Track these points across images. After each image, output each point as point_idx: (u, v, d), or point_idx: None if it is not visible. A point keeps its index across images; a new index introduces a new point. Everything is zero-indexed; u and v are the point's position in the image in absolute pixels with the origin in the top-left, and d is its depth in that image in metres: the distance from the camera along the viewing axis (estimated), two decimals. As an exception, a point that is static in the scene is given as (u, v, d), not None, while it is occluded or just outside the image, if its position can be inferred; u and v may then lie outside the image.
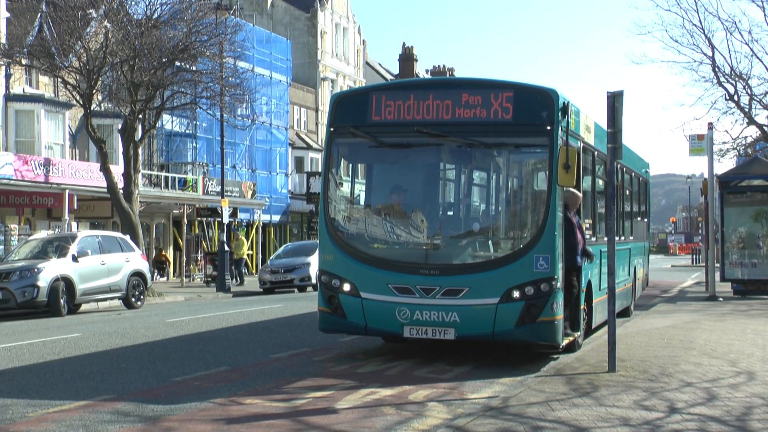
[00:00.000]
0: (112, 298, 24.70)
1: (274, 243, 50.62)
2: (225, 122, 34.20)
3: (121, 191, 29.60)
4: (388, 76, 69.65)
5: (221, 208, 34.53)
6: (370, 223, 12.71)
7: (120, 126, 32.54)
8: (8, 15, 33.80)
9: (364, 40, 67.16)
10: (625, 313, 18.31)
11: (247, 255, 47.47)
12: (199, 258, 43.61)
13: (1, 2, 33.55)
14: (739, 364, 11.62)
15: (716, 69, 33.83)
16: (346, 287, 12.00)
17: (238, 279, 36.81)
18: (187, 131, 44.09)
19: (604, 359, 11.34)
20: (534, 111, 11.70)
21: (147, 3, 30.92)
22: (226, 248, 33.42)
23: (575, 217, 12.61)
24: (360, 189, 13.23)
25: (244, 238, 38.16)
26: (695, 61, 35.36)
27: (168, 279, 38.79)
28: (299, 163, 54.33)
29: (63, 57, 30.36)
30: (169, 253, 42.63)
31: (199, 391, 10.16)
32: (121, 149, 31.94)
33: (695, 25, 33.90)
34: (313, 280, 30.53)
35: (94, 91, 30.14)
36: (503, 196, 12.80)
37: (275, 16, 58.73)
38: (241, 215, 44.37)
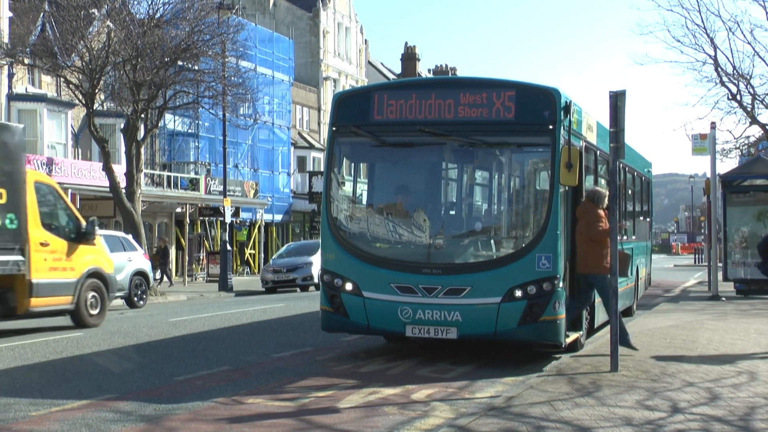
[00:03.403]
0: (114, 298, 24.71)
1: (277, 242, 50.65)
2: (227, 122, 34.25)
3: (124, 191, 29.63)
4: (391, 76, 69.64)
5: (224, 207, 34.55)
6: (372, 222, 12.71)
7: (122, 125, 32.58)
8: (11, 14, 33.84)
9: (366, 40, 67.15)
10: (627, 312, 18.29)
11: (250, 255, 47.65)
12: (201, 257, 43.65)
13: (4, 2, 33.57)
14: (742, 364, 11.61)
15: (719, 69, 33.86)
16: (349, 286, 12.00)
17: None
18: (190, 131, 44.13)
19: (606, 359, 11.34)
20: (536, 110, 11.69)
21: (149, 2, 30.98)
22: (228, 248, 33.42)
23: None
24: (362, 188, 13.23)
25: None
26: (698, 60, 35.44)
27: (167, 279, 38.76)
28: (301, 162, 54.34)
29: (65, 56, 30.38)
30: (171, 253, 42.64)
31: (202, 391, 10.16)
32: (123, 149, 31.99)
33: (697, 25, 33.98)
34: (316, 280, 30.54)
35: (97, 90, 30.17)
36: (505, 195, 12.79)
37: (277, 16, 58.74)
38: (243, 215, 44.41)
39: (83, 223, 18.42)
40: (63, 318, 18.47)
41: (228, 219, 35.09)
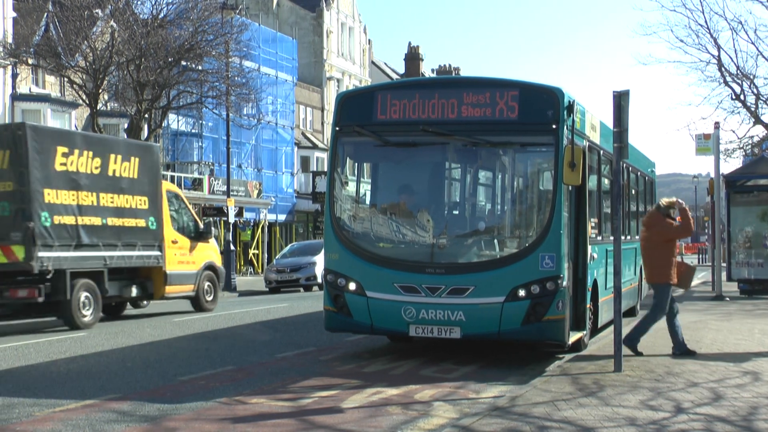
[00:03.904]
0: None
1: (280, 242, 50.67)
2: (231, 122, 34.24)
3: (127, 190, 29.62)
4: (394, 76, 69.66)
5: (227, 207, 34.58)
6: (375, 222, 12.70)
7: (126, 125, 32.63)
8: (15, 15, 33.89)
9: (369, 40, 67.19)
10: (631, 312, 18.27)
11: (253, 254, 47.67)
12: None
13: (8, 2, 33.61)
14: (746, 365, 11.58)
15: (722, 69, 33.82)
16: (352, 286, 11.99)
17: None
18: (193, 131, 44.18)
19: (610, 359, 11.32)
20: (539, 110, 11.68)
21: (153, 2, 31.04)
22: (232, 247, 33.44)
23: None
24: (365, 188, 13.23)
25: None
26: (701, 61, 35.39)
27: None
28: (305, 162, 54.36)
29: (69, 56, 30.44)
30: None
31: (205, 391, 10.16)
32: (127, 149, 31.90)
33: (701, 25, 33.94)
34: (319, 280, 30.53)
35: (101, 90, 30.24)
36: (509, 195, 12.78)
37: (281, 16, 58.78)
38: (247, 215, 44.42)
39: (201, 224, 22.45)
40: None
41: (231, 219, 35.10)
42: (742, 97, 34.19)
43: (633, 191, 18.39)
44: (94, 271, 18.25)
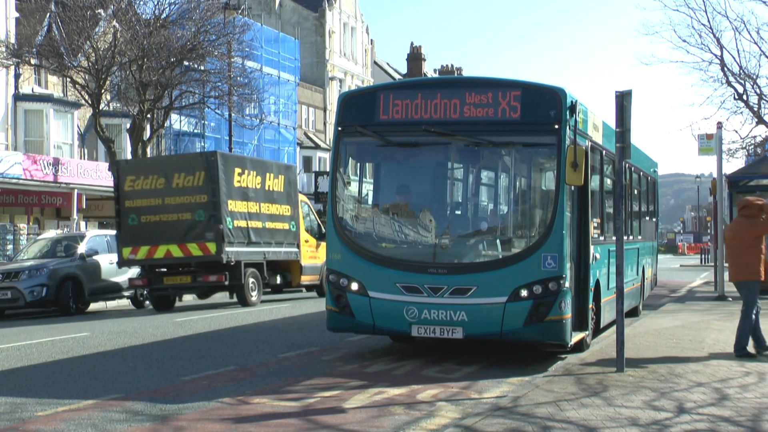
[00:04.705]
0: (120, 298, 24.77)
1: (282, 242, 50.62)
2: (233, 122, 34.27)
3: (130, 191, 29.64)
4: (396, 76, 69.63)
5: (229, 207, 34.55)
6: (377, 222, 12.70)
7: (128, 125, 32.64)
8: (17, 15, 33.91)
9: (372, 40, 67.16)
10: (633, 312, 18.26)
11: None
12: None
13: (11, 2, 33.64)
14: (749, 365, 11.57)
15: (725, 69, 33.74)
16: (354, 286, 11.99)
17: None
18: (196, 131, 44.17)
19: (612, 359, 11.32)
20: (542, 110, 11.67)
21: (155, 3, 31.06)
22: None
23: None
24: (368, 188, 13.23)
25: None
26: (704, 60, 35.32)
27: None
28: (307, 162, 54.36)
29: (72, 57, 30.47)
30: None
31: (208, 391, 10.16)
32: (129, 149, 32.02)
33: (704, 25, 33.84)
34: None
35: (103, 90, 30.26)
36: (511, 195, 12.77)
37: (283, 16, 58.79)
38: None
39: (323, 228, 25.91)
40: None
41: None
42: (744, 97, 34.14)
43: (635, 191, 18.38)
44: (258, 263, 23.42)
